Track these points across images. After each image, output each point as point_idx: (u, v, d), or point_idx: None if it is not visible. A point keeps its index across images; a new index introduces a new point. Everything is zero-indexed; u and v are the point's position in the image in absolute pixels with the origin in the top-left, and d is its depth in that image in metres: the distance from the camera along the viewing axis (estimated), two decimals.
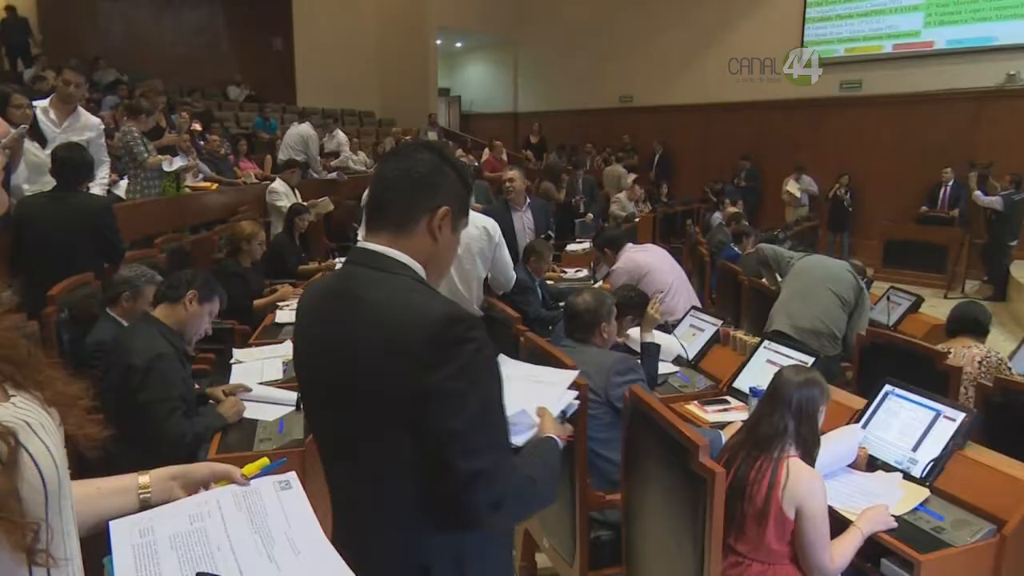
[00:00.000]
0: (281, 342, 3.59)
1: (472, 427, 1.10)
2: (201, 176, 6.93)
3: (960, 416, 2.19)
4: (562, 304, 3.25)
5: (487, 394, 1.14)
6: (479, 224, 3.32)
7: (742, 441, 2.02)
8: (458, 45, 16.64)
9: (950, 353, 3.07)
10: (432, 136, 12.28)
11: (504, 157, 11.06)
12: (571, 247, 7.00)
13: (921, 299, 5.04)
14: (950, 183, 9.50)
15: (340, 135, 10.13)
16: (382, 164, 1.34)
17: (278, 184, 6.86)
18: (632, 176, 10.93)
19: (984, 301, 7.69)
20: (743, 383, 2.95)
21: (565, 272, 6.01)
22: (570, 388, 1.59)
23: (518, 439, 1.35)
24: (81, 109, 4.41)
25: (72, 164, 3.71)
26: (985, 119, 9.58)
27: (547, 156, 12.09)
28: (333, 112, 12.36)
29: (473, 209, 2.21)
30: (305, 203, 6.48)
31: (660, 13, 12.84)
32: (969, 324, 3.33)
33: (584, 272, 5.96)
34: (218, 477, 1.06)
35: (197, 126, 8.20)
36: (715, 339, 3.40)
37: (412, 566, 1.17)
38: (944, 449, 2.16)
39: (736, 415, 2.76)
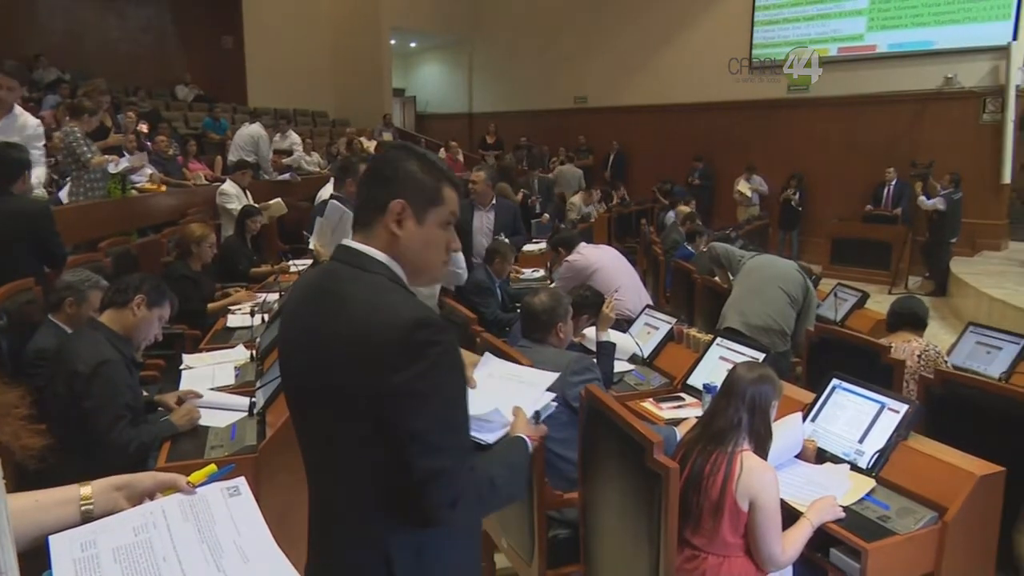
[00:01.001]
0: (233, 346, 3.52)
1: (432, 428, 1.13)
2: (148, 176, 6.75)
3: (903, 408, 2.26)
4: (519, 305, 3.26)
5: (450, 396, 1.17)
6: None
7: (697, 436, 2.06)
8: (412, 45, 16.57)
9: (892, 347, 3.17)
10: (387, 137, 12.20)
11: (460, 158, 11.05)
12: (528, 247, 7.01)
13: (866, 295, 5.19)
14: (893, 182, 9.81)
15: (293, 135, 9.99)
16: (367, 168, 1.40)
17: (229, 186, 6.73)
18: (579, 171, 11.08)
19: (926, 296, 7.99)
20: (697, 380, 3.00)
21: (522, 272, 6.03)
22: (549, 390, 1.60)
23: (489, 437, 1.37)
24: (18, 109, 4.23)
25: (4, 163, 3.55)
26: (925, 120, 9.91)
27: (504, 156, 12.11)
28: (286, 112, 12.19)
29: None
30: (256, 205, 6.36)
31: (613, 15, 12.98)
32: (908, 319, 3.44)
33: (540, 272, 5.99)
34: (163, 486, 1.03)
35: (144, 127, 7.98)
36: (669, 337, 3.44)
37: (376, 558, 1.20)
38: (889, 440, 2.22)
39: (690, 411, 2.81)
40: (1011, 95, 9.17)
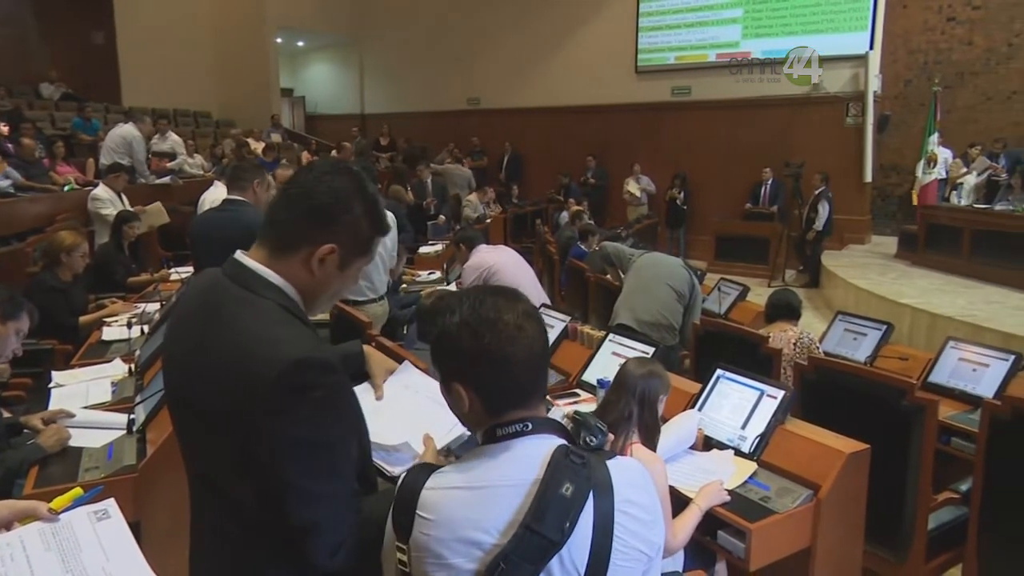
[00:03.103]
0: (110, 361, 3.30)
1: (309, 478, 1.07)
2: (9, 183, 6.24)
3: (780, 394, 2.40)
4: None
5: (332, 442, 1.10)
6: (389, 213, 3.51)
7: None
8: (300, 44, 16.12)
9: (770, 337, 3.36)
10: (276, 138, 11.81)
11: (352, 159, 10.84)
12: (424, 249, 6.98)
13: (747, 289, 5.48)
14: (769, 182, 10.44)
15: (173, 137, 9.51)
16: (293, 178, 1.25)
17: (101, 190, 6.31)
18: (450, 159, 11.10)
19: (801, 288, 8.52)
20: (591, 376, 3.07)
21: (418, 275, 5.99)
22: None
23: (396, 469, 1.33)
24: None
25: None
26: (796, 123, 10.57)
27: (397, 158, 11.99)
28: (165, 112, 11.56)
29: None
30: (133, 209, 6.01)
31: (504, 18, 13.10)
32: (784, 310, 3.65)
33: (437, 274, 5.97)
34: (21, 515, 0.96)
35: (3, 128, 7.37)
36: (564, 335, 3.50)
37: None
38: (768, 425, 2.35)
39: (585, 407, 2.87)
40: (870, 100, 9.95)
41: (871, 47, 9.90)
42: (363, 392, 1.64)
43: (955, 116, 10.68)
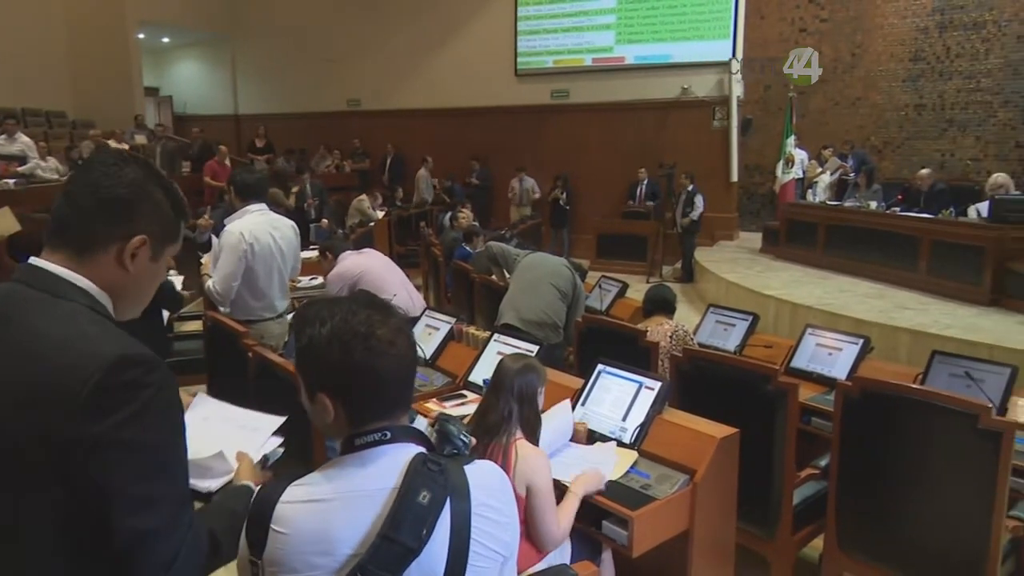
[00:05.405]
0: None
1: (140, 482, 0.98)
2: None
3: (657, 385, 2.51)
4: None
5: (162, 444, 1.02)
6: (287, 225, 3.69)
7: (473, 430, 2.12)
8: (165, 40, 15.24)
9: (647, 331, 3.50)
10: (140, 139, 11.12)
11: (228, 162, 10.37)
12: (304, 254, 6.76)
13: (626, 285, 5.68)
14: (645, 181, 10.88)
15: (23, 138, 8.80)
16: (73, 176, 1.16)
17: None
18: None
19: (677, 283, 8.93)
20: (478, 376, 3.09)
21: (299, 281, 5.80)
22: (276, 434, 1.50)
23: (212, 484, 1.27)
24: None
25: None
26: (668, 126, 11.08)
27: (275, 160, 11.58)
28: (12, 111, 10.59)
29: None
30: None
31: (383, 18, 12.94)
32: (660, 304, 3.82)
33: (319, 279, 5.80)
34: None
35: None
36: (450, 336, 3.51)
37: None
38: (647, 415, 2.45)
39: (473, 408, 2.88)
40: (734, 104, 10.57)
41: (733, 54, 10.53)
42: None
43: (809, 120, 11.54)
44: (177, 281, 4.80)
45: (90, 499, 0.96)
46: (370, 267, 4.49)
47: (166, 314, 4.61)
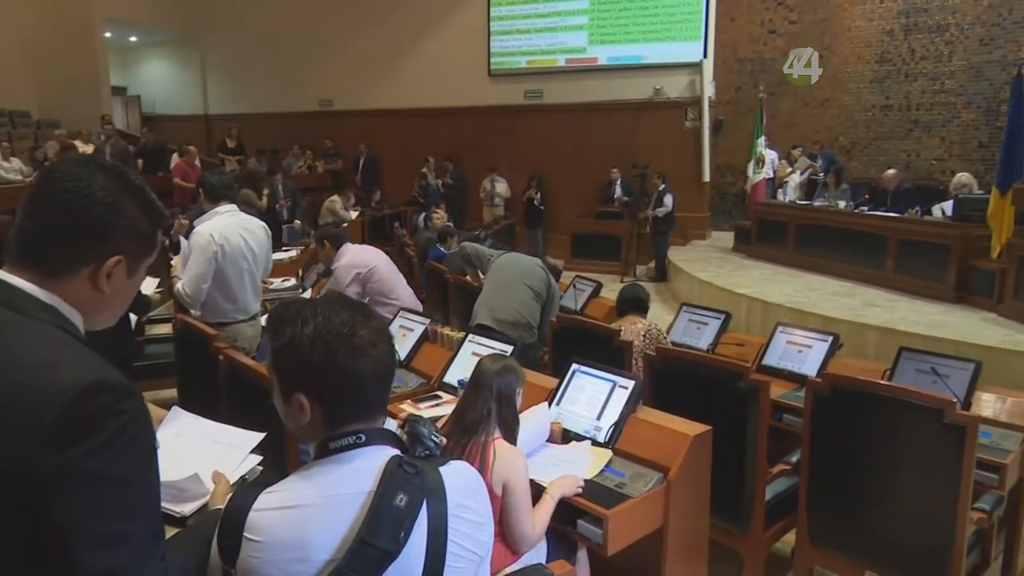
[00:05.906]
0: None
1: (106, 517, 0.92)
2: None
3: (631, 384, 2.52)
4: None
5: (132, 476, 0.96)
6: (258, 226, 3.66)
7: (451, 430, 2.13)
8: (133, 39, 14.99)
9: (621, 330, 3.52)
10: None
11: (197, 163, 10.23)
12: (277, 256, 6.70)
13: (600, 285, 5.71)
14: (618, 181, 10.93)
15: None
16: (35, 186, 1.07)
17: None
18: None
19: (651, 282, 8.99)
20: (452, 377, 3.08)
21: (271, 283, 5.74)
22: (254, 452, 1.47)
23: (186, 508, 1.25)
24: None
25: None
26: (641, 126, 11.16)
27: (247, 161, 11.44)
28: None
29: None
30: None
31: (356, 17, 12.86)
32: (633, 303, 3.84)
33: (292, 281, 5.76)
34: None
35: None
36: (424, 337, 3.50)
37: None
38: (621, 414, 2.46)
39: (448, 408, 2.87)
40: (705, 105, 10.67)
41: (705, 55, 10.63)
42: None
43: (779, 120, 11.69)
44: (150, 284, 4.72)
45: (54, 533, 0.90)
46: (379, 263, 4.45)
47: (133, 318, 4.53)
